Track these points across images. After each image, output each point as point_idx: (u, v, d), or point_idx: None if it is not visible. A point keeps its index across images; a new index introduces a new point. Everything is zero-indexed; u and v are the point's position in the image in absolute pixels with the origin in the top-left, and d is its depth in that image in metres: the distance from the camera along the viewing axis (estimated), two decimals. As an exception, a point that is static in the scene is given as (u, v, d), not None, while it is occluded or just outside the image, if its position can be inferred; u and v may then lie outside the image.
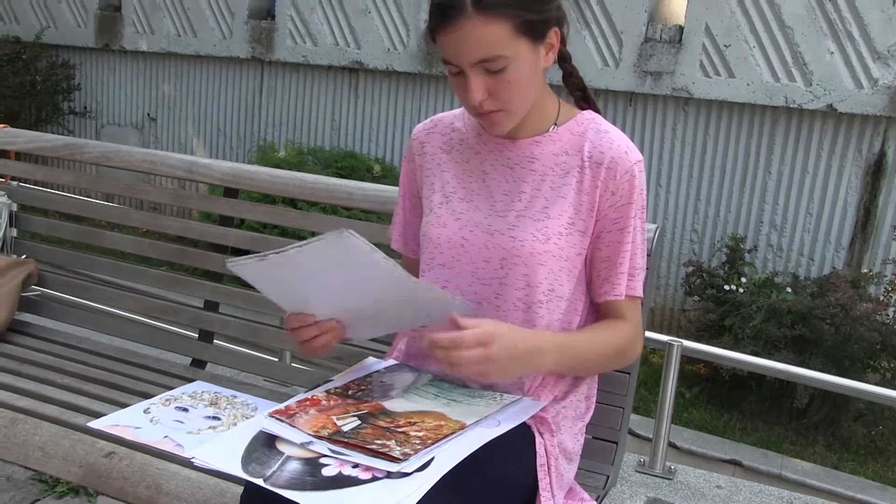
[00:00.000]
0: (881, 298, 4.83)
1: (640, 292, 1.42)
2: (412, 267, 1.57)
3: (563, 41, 1.38)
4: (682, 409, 4.79)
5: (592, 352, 1.39)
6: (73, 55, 8.28)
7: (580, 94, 1.50)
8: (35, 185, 3.19)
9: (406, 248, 1.59)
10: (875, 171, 5.38)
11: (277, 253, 1.24)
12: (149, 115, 8.04)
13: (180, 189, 2.74)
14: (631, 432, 1.73)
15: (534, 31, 1.29)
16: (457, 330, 1.24)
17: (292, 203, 4.22)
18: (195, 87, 7.74)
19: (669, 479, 2.50)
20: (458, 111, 1.54)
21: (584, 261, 1.41)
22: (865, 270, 5.22)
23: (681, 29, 5.69)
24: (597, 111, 1.47)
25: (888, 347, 4.59)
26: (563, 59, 1.44)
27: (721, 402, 4.96)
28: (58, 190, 2.91)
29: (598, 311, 1.46)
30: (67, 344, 2.20)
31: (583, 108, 1.47)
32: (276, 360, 2.63)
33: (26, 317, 2.31)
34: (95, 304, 2.46)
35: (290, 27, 6.98)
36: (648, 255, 1.49)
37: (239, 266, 1.30)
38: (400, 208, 1.59)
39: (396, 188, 1.89)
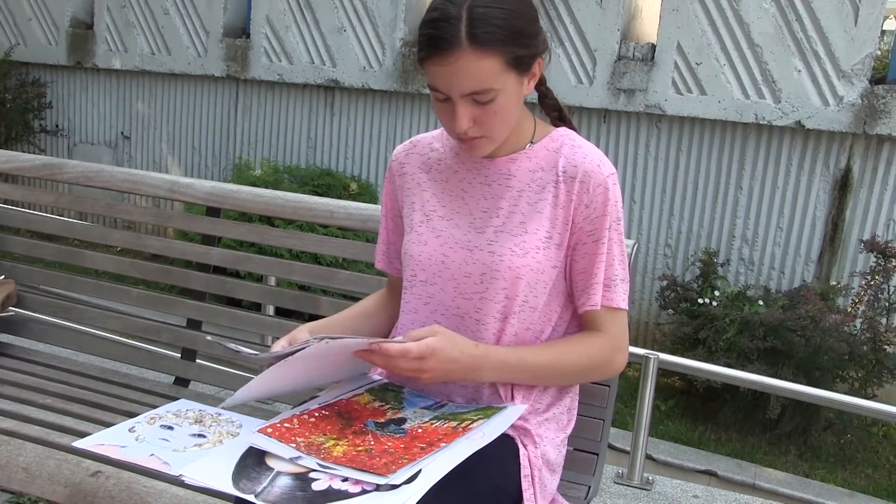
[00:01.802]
0: (849, 310, 4.93)
1: (618, 303, 1.43)
2: (396, 285, 1.60)
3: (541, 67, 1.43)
4: (658, 421, 4.85)
5: (554, 366, 1.41)
6: (45, 73, 8.23)
7: (556, 115, 1.55)
8: (11, 204, 3.17)
9: (390, 266, 1.62)
10: (842, 186, 5.50)
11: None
12: (122, 133, 8.00)
13: (159, 208, 2.74)
14: (609, 445, 1.76)
15: (522, 64, 1.34)
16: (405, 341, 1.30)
17: (269, 221, 4.23)
18: (169, 105, 7.72)
19: (647, 489, 2.54)
20: (437, 132, 1.57)
21: (563, 273, 1.44)
22: (834, 283, 5.32)
23: (653, 47, 5.79)
24: (573, 129, 1.51)
25: (856, 358, 4.68)
26: (540, 83, 1.48)
27: (696, 413, 5.02)
28: (36, 210, 2.91)
29: (580, 324, 1.49)
30: (49, 364, 2.20)
31: (558, 127, 1.51)
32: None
33: (6, 337, 2.30)
34: (76, 325, 2.46)
35: (266, 45, 7.00)
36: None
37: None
38: (383, 228, 1.62)
39: (378, 207, 1.92)
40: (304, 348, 1.29)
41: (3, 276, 2.34)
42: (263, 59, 7.02)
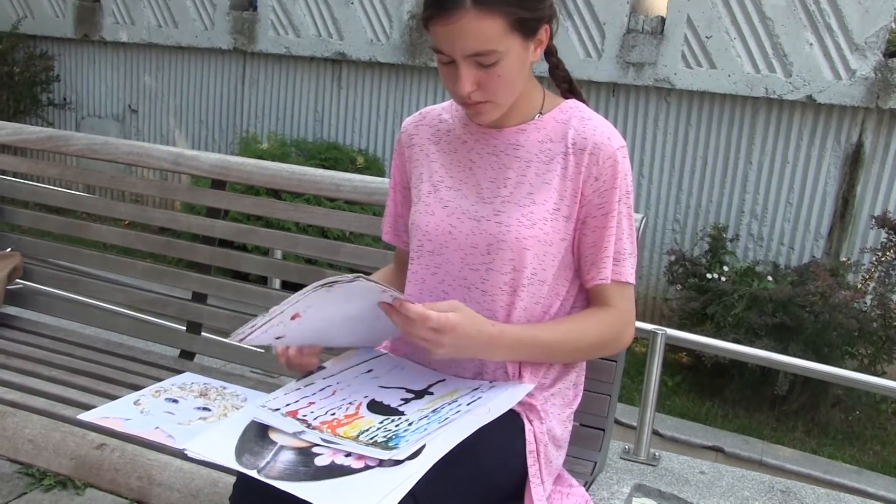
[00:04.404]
0: (859, 286, 4.90)
1: (627, 277, 1.42)
2: (403, 258, 1.59)
3: (550, 36, 1.40)
4: (665, 397, 4.85)
5: (567, 343, 1.40)
6: (52, 46, 8.20)
7: (566, 87, 1.53)
8: (17, 177, 3.17)
9: (397, 239, 1.61)
10: (853, 161, 5.45)
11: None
12: (130, 106, 7.98)
13: (166, 181, 2.73)
14: (615, 420, 1.76)
15: (527, 28, 1.31)
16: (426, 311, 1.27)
17: (275, 194, 4.22)
18: (177, 78, 7.68)
19: (654, 465, 2.54)
20: (446, 104, 1.55)
21: (570, 247, 1.43)
22: (844, 259, 5.29)
23: (663, 20, 5.72)
24: (583, 102, 1.49)
25: (865, 334, 4.66)
26: (550, 53, 1.46)
27: (703, 389, 5.02)
28: (41, 182, 2.90)
29: (588, 298, 1.48)
30: (55, 337, 2.20)
31: (568, 99, 1.49)
32: (263, 350, 2.63)
33: (12, 310, 2.30)
34: (82, 297, 2.46)
35: (273, 18, 6.94)
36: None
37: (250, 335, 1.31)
38: (391, 200, 1.60)
39: (384, 179, 1.90)
40: (334, 283, 1.24)
41: (9, 249, 2.34)
42: (270, 31, 6.97)
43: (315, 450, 1.21)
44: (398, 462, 1.17)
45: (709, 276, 5.08)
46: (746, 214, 5.75)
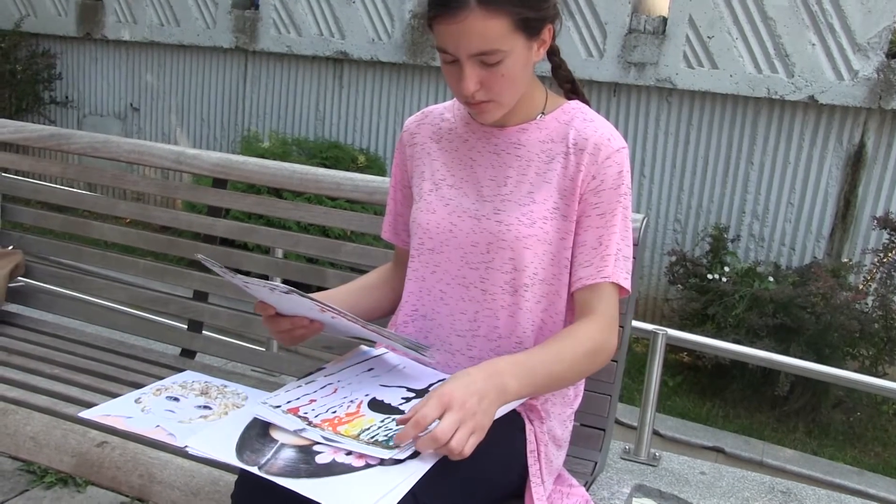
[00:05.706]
0: (860, 287, 4.90)
1: (619, 279, 1.38)
2: (402, 257, 1.59)
3: (553, 36, 1.40)
4: (666, 397, 4.85)
5: (562, 355, 1.32)
6: (54, 44, 8.21)
7: (569, 87, 1.53)
8: (19, 175, 3.17)
9: (397, 238, 1.61)
10: (855, 162, 5.45)
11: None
12: (131, 105, 7.99)
13: (167, 180, 2.74)
14: (616, 420, 1.76)
15: (530, 27, 1.32)
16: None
17: (277, 193, 4.22)
18: (178, 77, 7.69)
19: (654, 465, 2.54)
20: (448, 103, 1.56)
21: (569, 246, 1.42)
22: (845, 260, 5.29)
23: (664, 20, 5.72)
24: (585, 102, 1.49)
25: (867, 335, 4.66)
26: (553, 53, 1.47)
27: (704, 390, 5.02)
28: (43, 180, 2.90)
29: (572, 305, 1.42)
30: (56, 334, 2.20)
31: (570, 99, 1.49)
32: (265, 349, 2.63)
33: (14, 307, 2.30)
34: (84, 295, 2.46)
35: (275, 17, 6.95)
36: (635, 245, 1.49)
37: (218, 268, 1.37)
38: (391, 199, 1.61)
39: (385, 178, 1.90)
40: (274, 287, 1.28)
41: (11, 247, 2.34)
42: (272, 30, 6.98)
43: (316, 448, 1.21)
44: (399, 461, 1.17)
45: (710, 276, 5.08)
46: (748, 215, 5.75)
